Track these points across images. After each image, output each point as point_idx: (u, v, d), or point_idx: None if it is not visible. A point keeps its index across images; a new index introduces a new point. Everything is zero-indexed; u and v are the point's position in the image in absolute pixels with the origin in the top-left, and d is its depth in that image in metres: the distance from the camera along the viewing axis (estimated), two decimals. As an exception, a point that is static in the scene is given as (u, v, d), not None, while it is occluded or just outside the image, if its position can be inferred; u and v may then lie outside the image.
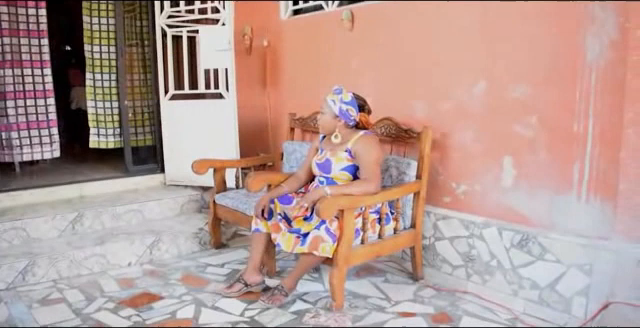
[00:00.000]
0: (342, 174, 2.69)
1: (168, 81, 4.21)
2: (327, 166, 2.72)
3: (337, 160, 2.70)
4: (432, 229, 3.06)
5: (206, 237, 3.66)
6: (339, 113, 2.65)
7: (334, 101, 2.65)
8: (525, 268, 2.64)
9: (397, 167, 2.96)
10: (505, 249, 2.72)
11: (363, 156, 2.62)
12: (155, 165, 4.44)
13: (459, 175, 2.97)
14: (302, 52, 4.01)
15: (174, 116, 4.20)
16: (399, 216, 2.86)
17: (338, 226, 2.51)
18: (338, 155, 2.70)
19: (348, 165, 2.68)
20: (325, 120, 2.71)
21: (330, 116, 2.68)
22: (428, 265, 3.10)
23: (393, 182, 2.98)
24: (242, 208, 3.27)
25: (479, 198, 2.88)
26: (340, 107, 2.64)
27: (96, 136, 4.32)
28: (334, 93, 2.68)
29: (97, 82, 4.27)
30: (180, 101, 4.22)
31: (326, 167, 2.73)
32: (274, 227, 2.69)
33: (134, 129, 4.54)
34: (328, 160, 2.73)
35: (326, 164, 2.73)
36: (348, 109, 2.65)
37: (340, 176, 2.70)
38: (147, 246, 3.41)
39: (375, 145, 2.66)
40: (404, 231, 2.92)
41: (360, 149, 2.64)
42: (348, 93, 2.68)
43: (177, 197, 3.97)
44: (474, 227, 2.85)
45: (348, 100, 2.66)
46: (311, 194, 2.56)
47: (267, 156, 4.05)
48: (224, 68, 4.02)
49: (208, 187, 4.12)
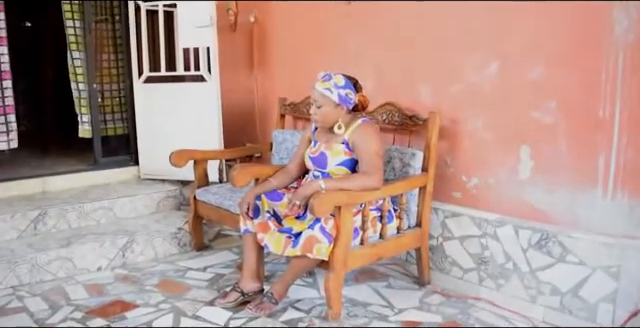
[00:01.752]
0: (339, 169, 2.68)
1: (142, 62, 4.19)
2: (322, 160, 2.71)
3: (333, 154, 2.68)
4: (440, 228, 3.06)
5: (186, 238, 3.65)
6: (340, 100, 2.63)
7: (329, 89, 2.62)
8: (544, 271, 2.64)
9: (401, 158, 2.95)
10: (522, 250, 2.71)
11: (362, 147, 2.61)
12: (128, 157, 4.42)
13: (470, 167, 2.96)
14: (294, 29, 3.98)
15: (149, 101, 4.18)
16: (403, 213, 2.85)
17: (334, 225, 2.50)
18: (334, 148, 2.69)
19: (346, 159, 2.66)
20: (326, 113, 2.66)
21: (331, 107, 2.65)
22: (436, 268, 3.10)
23: (396, 175, 2.97)
24: (226, 205, 3.25)
25: (493, 193, 2.88)
26: (339, 93, 2.62)
27: (82, 124, 4.31)
28: (324, 81, 2.65)
29: (75, 61, 4.25)
30: (156, 84, 4.19)
31: (321, 161, 2.71)
32: (261, 226, 2.67)
33: (103, 116, 4.52)
34: (323, 154, 2.71)
35: (321, 158, 2.72)
36: (347, 93, 2.64)
37: (337, 171, 2.68)
38: (119, 248, 3.39)
39: (375, 134, 2.65)
40: (409, 230, 2.92)
41: (358, 139, 2.62)
42: (338, 76, 2.66)
43: (153, 193, 3.96)
44: (487, 225, 2.85)
45: (343, 83, 2.64)
46: (304, 189, 2.54)
47: (254, 146, 4.04)
48: (205, 47, 4.00)
49: (188, 181, 4.11)
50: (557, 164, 2.60)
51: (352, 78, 2.71)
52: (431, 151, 2.89)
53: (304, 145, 2.91)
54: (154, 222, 3.75)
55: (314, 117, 2.72)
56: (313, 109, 2.70)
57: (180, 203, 4.09)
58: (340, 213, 2.49)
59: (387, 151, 3.00)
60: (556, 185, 2.62)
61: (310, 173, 2.82)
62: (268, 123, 4.27)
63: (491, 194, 2.88)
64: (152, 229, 3.59)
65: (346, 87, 2.64)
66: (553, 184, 2.63)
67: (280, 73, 4.18)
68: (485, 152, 2.89)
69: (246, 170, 2.95)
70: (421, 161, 2.91)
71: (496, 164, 2.84)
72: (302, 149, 2.91)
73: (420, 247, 2.97)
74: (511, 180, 2.79)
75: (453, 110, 2.99)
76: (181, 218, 3.81)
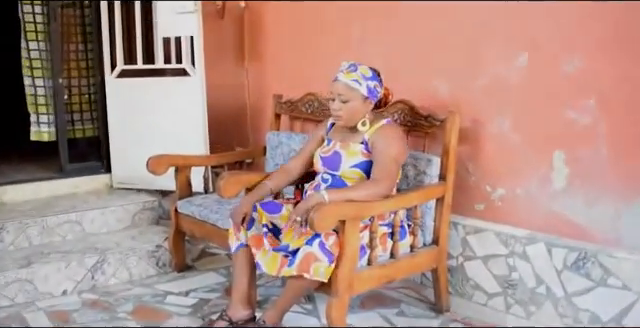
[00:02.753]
0: (353, 172, 2.70)
1: (115, 53, 4.20)
2: (335, 161, 2.74)
3: (349, 154, 2.72)
4: (460, 246, 3.06)
5: (165, 257, 3.65)
6: (369, 94, 2.68)
7: (357, 81, 2.66)
8: (582, 296, 2.62)
9: (415, 165, 2.95)
10: (556, 271, 2.71)
11: (380, 150, 2.64)
12: (98, 163, 4.43)
13: (495, 175, 2.96)
14: (290, 15, 4.00)
15: (123, 98, 4.19)
16: (417, 229, 2.85)
17: (337, 242, 2.50)
18: (351, 147, 2.72)
19: (362, 161, 2.70)
20: (353, 108, 2.69)
21: (359, 101, 2.69)
22: (455, 293, 3.09)
23: (410, 185, 2.97)
24: (213, 219, 3.26)
25: (522, 205, 2.87)
26: (368, 86, 2.67)
27: (36, 125, 4.31)
28: (350, 71, 2.68)
29: (33, 53, 4.27)
30: (131, 79, 4.21)
31: (334, 162, 2.74)
32: (254, 240, 2.68)
33: (70, 116, 4.53)
34: (337, 153, 2.75)
35: (334, 158, 2.74)
36: (375, 86, 2.71)
37: (350, 174, 2.71)
38: (88, 269, 3.40)
39: (399, 139, 2.71)
40: (424, 249, 2.91)
41: (378, 141, 2.67)
42: (364, 66, 2.72)
43: (128, 204, 3.97)
44: (515, 243, 2.84)
45: (370, 75, 2.71)
46: (305, 202, 2.56)
47: (245, 151, 4.04)
48: (189, 36, 4.01)
49: (168, 191, 4.11)
50: (597, 172, 2.59)
51: (375, 70, 2.77)
52: (450, 157, 2.88)
53: (314, 143, 2.94)
54: (129, 238, 3.75)
55: (337, 113, 2.72)
56: (337, 104, 2.71)
57: (159, 217, 4.10)
58: (344, 228, 2.49)
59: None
60: (596, 196, 2.61)
61: (318, 177, 2.84)
62: (261, 124, 4.27)
63: (520, 207, 2.88)
64: (126, 247, 3.59)
65: (374, 79, 2.70)
66: (592, 195, 2.62)
67: (275, 66, 4.19)
68: (512, 158, 2.88)
69: (235, 179, 2.96)
70: (438, 168, 2.90)
71: (525, 172, 2.84)
72: (311, 146, 2.94)
73: (437, 268, 2.97)
74: (543, 190, 2.78)
75: (475, 109, 2.98)
76: (160, 234, 3.81)
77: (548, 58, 2.72)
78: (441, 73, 3.14)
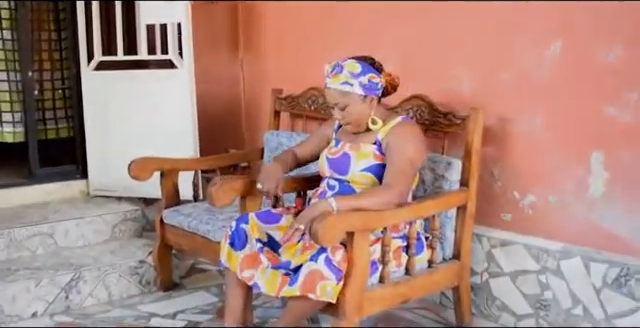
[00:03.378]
0: (363, 176, 2.68)
1: (93, 43, 4.19)
2: (343, 163, 2.73)
3: (359, 156, 2.70)
4: (485, 261, 3.05)
5: (150, 274, 3.64)
6: (365, 90, 2.66)
7: (348, 83, 2.64)
8: (625, 318, 2.61)
9: (433, 169, 2.94)
10: (594, 290, 2.70)
11: (394, 151, 2.64)
12: (74, 167, 4.41)
13: (524, 180, 2.96)
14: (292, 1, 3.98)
15: (102, 94, 4.18)
16: (436, 242, 2.84)
17: (345, 257, 2.47)
18: (362, 149, 2.71)
19: (374, 164, 2.68)
20: (356, 112, 2.69)
21: (359, 102, 2.68)
22: (479, 314, 3.09)
23: (427, 191, 2.96)
24: (203, 230, 3.24)
25: (555, 214, 2.86)
26: (361, 83, 2.64)
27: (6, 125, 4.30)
28: (336, 74, 2.66)
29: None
30: (111, 72, 4.20)
31: (342, 165, 2.73)
32: (249, 260, 2.65)
33: (41, 114, 4.51)
34: (346, 155, 2.74)
35: (342, 161, 2.74)
36: (370, 78, 2.67)
37: (360, 179, 2.69)
38: (61, 288, 3.38)
39: (416, 138, 2.69)
40: (444, 264, 2.90)
41: (392, 141, 2.66)
42: (349, 61, 2.68)
43: (107, 214, 3.96)
44: (548, 257, 2.84)
45: (359, 70, 2.66)
46: (310, 210, 2.53)
47: (240, 153, 4.04)
48: (175, 23, 4.00)
49: (153, 199, 4.10)
50: (641, 176, 2.59)
51: (366, 58, 2.73)
52: (472, 159, 2.87)
53: (317, 139, 2.99)
54: (108, 253, 3.73)
55: (343, 121, 2.75)
56: (337, 113, 2.72)
57: (142, 228, 4.08)
58: (353, 241, 2.47)
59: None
60: None
61: (323, 183, 2.82)
62: (258, 123, 4.27)
63: (552, 216, 2.87)
64: (105, 262, 3.57)
65: (366, 72, 2.66)
66: (636, 203, 2.61)
67: (274, 57, 4.18)
68: (544, 160, 2.88)
69: (229, 185, 2.93)
70: (459, 172, 2.90)
71: (559, 176, 2.83)
72: (316, 141, 3.00)
73: (459, 286, 2.95)
74: (579, 197, 2.77)
75: (501, 105, 2.98)
76: (143, 248, 3.79)
77: (585, 46, 2.71)
78: (463, 64, 3.13)
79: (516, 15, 2.92)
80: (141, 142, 3.98)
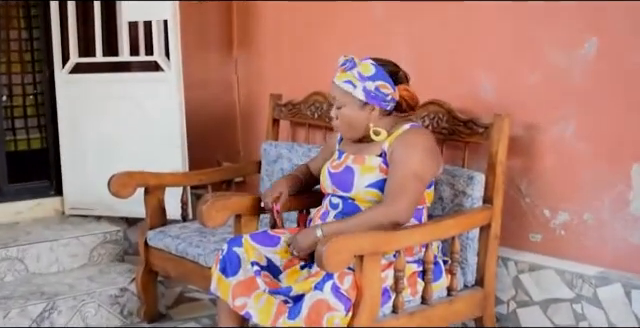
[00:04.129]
0: (368, 193, 2.67)
1: (68, 43, 4.19)
2: (346, 179, 2.72)
3: (364, 170, 2.69)
4: (512, 288, 3.04)
5: (132, 303, 3.64)
6: (367, 97, 2.65)
7: (351, 82, 2.64)
8: (671, 353, 2.61)
9: (452, 184, 2.94)
10: (637, 320, 2.68)
11: (396, 162, 2.62)
12: (47, 182, 4.41)
13: (556, 196, 2.95)
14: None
15: (78, 100, 4.17)
16: (456, 266, 2.83)
17: (354, 284, 2.48)
18: (367, 162, 2.71)
19: (381, 179, 2.67)
20: (349, 117, 2.69)
21: (355, 108, 2.67)
22: (506, 349, 3.08)
23: (446, 209, 2.96)
24: (193, 254, 3.25)
25: (591, 235, 2.85)
26: (365, 87, 2.63)
27: None
28: (344, 70, 2.67)
29: None
30: (88, 75, 4.20)
31: (345, 180, 2.72)
32: (241, 286, 2.65)
33: (9, 122, 4.52)
34: (349, 169, 2.73)
35: (345, 175, 2.73)
36: (378, 86, 2.64)
37: (365, 196, 2.68)
38: (32, 319, 3.38)
39: (424, 147, 2.65)
40: (465, 292, 2.90)
41: (397, 150, 2.65)
42: (365, 61, 2.67)
43: (84, 236, 3.95)
44: (583, 284, 2.82)
45: (372, 72, 2.65)
46: (301, 237, 2.57)
47: (234, 167, 4.04)
48: (161, 20, 4.01)
49: (136, 219, 4.10)
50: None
51: (388, 63, 2.73)
52: (497, 173, 2.87)
53: (327, 151, 3.01)
54: (85, 280, 3.73)
55: (334, 123, 2.75)
56: (333, 111, 2.74)
57: (124, 251, 4.08)
58: (362, 266, 2.46)
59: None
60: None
61: (325, 200, 2.82)
62: (255, 132, 4.27)
63: (588, 236, 2.86)
64: (82, 290, 3.57)
65: (376, 78, 2.64)
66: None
67: (272, 57, 4.19)
68: (578, 173, 2.87)
69: (222, 202, 2.93)
70: (482, 188, 2.89)
71: (595, 192, 2.83)
72: (325, 154, 3.02)
73: (482, 316, 2.94)
74: (618, 215, 2.76)
75: (529, 111, 2.98)
76: (125, 274, 3.79)
77: (623, 44, 2.71)
78: (484, 66, 3.13)
79: (544, 10, 2.92)
80: (123, 154, 3.98)
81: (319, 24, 3.87)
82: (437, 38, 3.31)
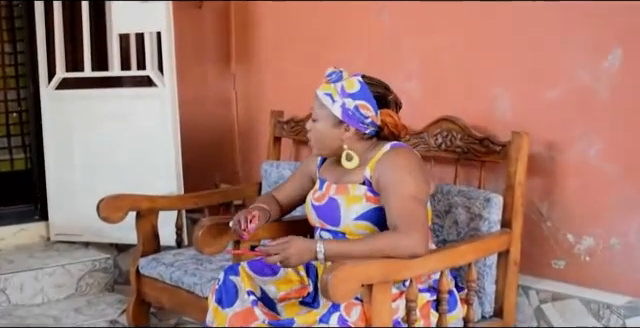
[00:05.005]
0: (359, 226, 2.64)
1: (54, 56, 4.22)
2: (332, 212, 2.68)
3: (349, 200, 2.65)
4: (534, 318, 3.03)
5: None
6: (343, 115, 2.62)
7: (331, 96, 2.61)
8: None
9: (467, 207, 2.93)
10: (670, 355, 2.68)
11: (389, 188, 2.55)
12: (31, 206, 4.43)
13: (580, 220, 2.94)
14: (295, 4, 4.01)
15: (65, 118, 4.20)
16: (473, 296, 2.81)
17: (362, 315, 2.47)
18: (351, 191, 2.67)
19: (369, 209, 2.63)
20: (320, 132, 2.67)
21: (328, 123, 2.64)
22: (528, 385, 3.07)
23: (460, 234, 2.95)
24: (189, 283, 3.24)
25: (618, 261, 2.84)
26: (344, 105, 2.61)
27: None
28: (329, 81, 2.65)
29: None
30: (76, 91, 4.23)
31: (331, 214, 2.69)
32: (238, 318, 2.63)
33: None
34: (333, 201, 2.69)
35: (330, 208, 2.69)
36: (358, 106, 2.61)
37: (356, 230, 2.64)
38: (15, 355, 3.38)
39: (410, 167, 2.59)
40: (483, 323, 2.89)
41: (383, 176, 2.59)
42: (354, 78, 2.64)
43: (71, 264, 3.96)
44: (611, 314, 2.80)
45: (355, 90, 2.62)
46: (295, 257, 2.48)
47: (233, 189, 4.04)
48: (154, 32, 4.03)
49: (127, 245, 4.11)
50: None
51: (379, 85, 2.69)
52: (516, 194, 2.87)
53: (300, 178, 2.96)
54: (72, 312, 3.73)
55: (308, 135, 2.74)
56: (309, 123, 2.72)
57: (114, 281, 4.09)
58: (371, 296, 2.45)
59: (445, 194, 2.98)
60: None
61: (316, 233, 2.80)
62: (254, 151, 4.28)
63: (616, 263, 2.85)
64: (68, 323, 3.57)
65: (359, 97, 2.61)
66: None
67: (273, 71, 4.21)
68: (604, 195, 2.86)
69: (220, 228, 2.93)
70: (500, 210, 2.88)
71: (623, 215, 2.82)
72: (296, 181, 2.96)
73: (502, 350, 2.94)
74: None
75: (549, 128, 2.98)
76: (116, 305, 3.80)
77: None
78: (500, 80, 3.14)
79: (563, 21, 2.93)
80: (113, 176, 4.00)
81: (323, 36, 3.88)
82: (450, 51, 3.32)
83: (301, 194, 2.93)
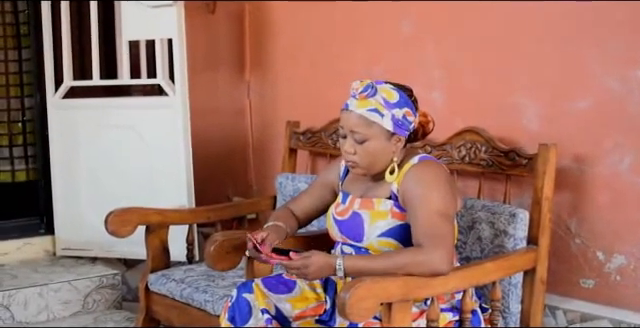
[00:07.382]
0: (382, 243, 2.62)
1: (62, 64, 4.23)
2: (355, 227, 2.67)
3: (374, 216, 2.64)
4: (562, 340, 3.02)
5: (131, 356, 3.63)
6: (396, 128, 2.61)
7: (378, 111, 2.57)
8: None
9: (492, 222, 2.93)
10: None
11: (415, 203, 2.54)
12: (36, 220, 4.43)
13: (610, 237, 2.93)
14: (311, 10, 4.04)
15: (72, 128, 4.22)
16: (497, 315, 2.81)
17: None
18: (376, 206, 2.66)
19: (395, 225, 2.61)
20: (375, 151, 2.59)
21: (382, 140, 2.59)
22: None
23: (484, 251, 2.95)
24: (200, 300, 3.25)
25: (651, 281, 2.84)
26: (394, 116, 2.60)
27: None
28: (366, 96, 2.57)
29: None
30: (84, 101, 4.25)
31: (354, 229, 2.68)
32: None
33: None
34: (357, 216, 2.68)
35: (354, 223, 2.68)
36: (406, 114, 2.62)
37: (380, 247, 2.63)
38: (19, 374, 3.39)
39: (437, 182, 2.58)
40: (508, 344, 2.88)
41: (409, 190, 2.57)
42: (386, 86, 2.63)
43: (78, 280, 3.96)
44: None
45: (397, 99, 2.61)
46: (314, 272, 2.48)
47: (246, 202, 4.04)
48: (166, 39, 4.05)
49: (136, 261, 4.12)
50: None
51: (405, 88, 2.68)
52: (543, 210, 2.86)
53: (319, 189, 2.93)
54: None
55: (350, 159, 2.64)
56: (349, 145, 2.62)
57: (122, 297, 4.09)
58: (391, 315, 2.44)
59: (469, 209, 2.98)
60: None
61: (337, 248, 2.80)
62: (269, 163, 4.29)
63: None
64: (74, 342, 3.58)
65: (403, 104, 2.61)
66: None
67: (290, 80, 4.22)
68: (635, 211, 2.85)
69: (232, 243, 2.94)
70: (526, 226, 2.88)
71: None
72: (315, 193, 2.93)
73: (528, 373, 2.93)
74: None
75: (578, 141, 2.98)
76: (124, 323, 3.80)
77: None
78: (527, 89, 3.14)
79: (593, 27, 2.92)
80: (122, 189, 4.01)
81: (341, 43, 3.89)
82: (473, 59, 3.32)
83: (320, 207, 2.91)
